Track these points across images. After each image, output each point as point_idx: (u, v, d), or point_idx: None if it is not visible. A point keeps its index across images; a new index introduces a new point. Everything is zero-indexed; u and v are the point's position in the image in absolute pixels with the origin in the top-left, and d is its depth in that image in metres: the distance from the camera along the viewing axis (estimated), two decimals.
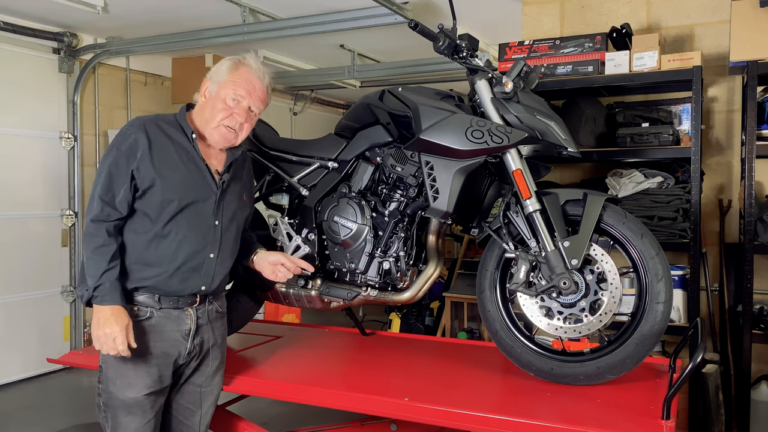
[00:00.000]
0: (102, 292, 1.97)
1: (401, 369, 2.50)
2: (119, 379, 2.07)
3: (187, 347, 2.14)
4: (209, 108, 2.12)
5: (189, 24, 5.01)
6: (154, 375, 2.08)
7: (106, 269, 1.97)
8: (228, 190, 2.18)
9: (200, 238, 2.09)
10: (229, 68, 2.13)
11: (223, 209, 2.15)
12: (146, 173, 2.00)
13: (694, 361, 1.86)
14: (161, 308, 2.08)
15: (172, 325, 2.10)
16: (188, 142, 2.11)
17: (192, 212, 2.07)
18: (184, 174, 2.07)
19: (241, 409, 2.77)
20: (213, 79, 2.13)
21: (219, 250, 2.15)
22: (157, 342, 2.08)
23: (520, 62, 2.27)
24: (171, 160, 2.05)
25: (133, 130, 2.04)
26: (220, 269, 2.17)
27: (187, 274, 2.09)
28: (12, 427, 4.16)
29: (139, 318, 2.07)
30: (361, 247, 2.52)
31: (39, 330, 5.25)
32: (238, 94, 2.12)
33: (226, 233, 2.16)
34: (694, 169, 3.11)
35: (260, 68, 2.17)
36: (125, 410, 2.06)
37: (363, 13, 4.25)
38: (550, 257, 2.15)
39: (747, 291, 3.07)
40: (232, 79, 2.11)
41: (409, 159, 2.46)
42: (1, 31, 4.88)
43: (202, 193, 2.10)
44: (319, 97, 8.50)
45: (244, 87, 2.13)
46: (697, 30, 3.57)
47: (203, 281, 2.13)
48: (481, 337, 4.93)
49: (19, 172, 5.12)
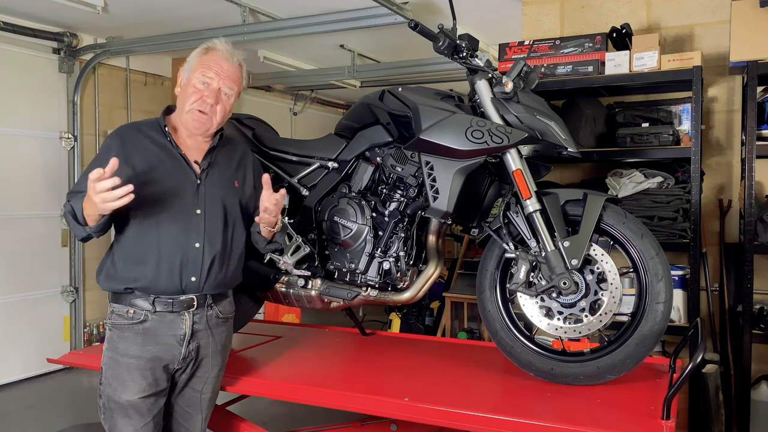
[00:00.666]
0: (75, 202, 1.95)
1: (401, 369, 2.50)
2: (115, 381, 2.07)
3: (182, 352, 2.11)
4: (182, 96, 2.15)
5: (189, 24, 5.01)
6: (148, 378, 2.07)
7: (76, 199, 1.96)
8: (210, 179, 2.16)
9: (181, 228, 2.08)
10: (198, 54, 2.15)
11: (205, 198, 2.13)
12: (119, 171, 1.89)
13: (694, 361, 1.86)
14: (156, 312, 2.08)
15: (166, 329, 2.09)
16: (163, 136, 2.13)
17: (170, 203, 2.07)
18: (158, 167, 2.08)
19: (241, 409, 2.77)
20: (184, 67, 2.16)
21: (205, 239, 2.11)
22: (151, 345, 2.07)
23: (520, 62, 2.27)
24: (144, 155, 2.08)
25: (109, 137, 2.12)
26: (210, 259, 2.12)
27: (174, 266, 2.06)
28: (12, 427, 4.16)
29: (134, 321, 2.07)
30: (361, 247, 2.52)
31: (39, 330, 5.25)
32: (207, 76, 2.12)
33: (211, 221, 2.13)
34: (694, 169, 3.11)
35: (229, 50, 2.17)
36: (122, 412, 2.06)
37: (363, 13, 4.25)
38: (550, 257, 2.15)
39: (747, 291, 3.07)
40: (201, 63, 2.13)
41: (409, 159, 2.46)
42: (1, 31, 4.89)
43: (178, 183, 2.10)
44: (319, 97, 8.50)
45: (213, 69, 2.12)
46: (697, 30, 3.57)
47: (192, 273, 2.09)
48: (481, 337, 4.93)
49: (19, 172, 5.12)
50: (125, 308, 2.07)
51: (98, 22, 5.12)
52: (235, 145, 2.33)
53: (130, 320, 2.07)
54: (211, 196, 2.15)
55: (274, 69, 6.43)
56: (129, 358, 2.06)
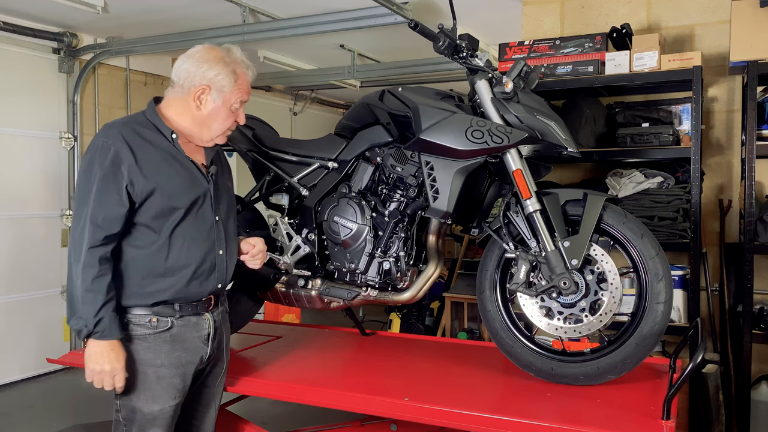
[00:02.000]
0: (102, 327, 1.88)
1: (401, 369, 2.49)
2: (144, 393, 2.00)
3: (208, 351, 2.11)
4: (214, 116, 2.05)
5: (189, 24, 5.01)
6: (178, 385, 2.04)
7: (105, 302, 1.88)
8: (217, 184, 2.14)
9: (206, 238, 2.06)
10: (230, 78, 2.03)
11: (219, 203, 2.12)
12: (141, 186, 1.91)
13: (694, 361, 1.86)
14: (181, 316, 2.03)
15: (192, 332, 2.06)
16: (168, 142, 2.02)
17: (194, 214, 2.03)
18: (176, 178, 1.99)
19: (241, 409, 2.77)
20: (213, 87, 2.02)
21: (226, 244, 2.12)
22: (179, 351, 2.03)
23: (520, 62, 2.27)
24: (159, 166, 1.96)
25: (110, 140, 1.91)
26: (232, 264, 2.16)
27: (204, 276, 2.05)
28: (12, 427, 4.16)
29: (159, 329, 2.00)
30: (361, 247, 2.52)
31: (39, 330, 5.25)
32: (243, 100, 2.11)
33: (227, 226, 2.14)
34: (694, 169, 3.11)
35: (252, 66, 2.14)
36: (150, 422, 2.01)
37: (363, 13, 4.25)
38: (550, 257, 2.15)
39: (747, 291, 3.07)
40: (238, 89, 2.06)
41: (409, 159, 2.46)
42: (1, 31, 4.88)
43: (198, 192, 2.04)
44: (319, 97, 8.50)
45: (247, 92, 2.12)
46: (697, 30, 3.57)
47: (219, 279, 2.10)
48: (481, 337, 4.93)
49: (19, 172, 5.12)
50: (147, 317, 1.99)
51: (98, 22, 5.11)
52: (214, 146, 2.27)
53: (154, 329, 2.00)
54: (221, 200, 2.14)
55: (274, 69, 6.42)
56: (157, 368, 2.00)
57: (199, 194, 2.04)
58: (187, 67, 2.03)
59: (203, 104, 2.03)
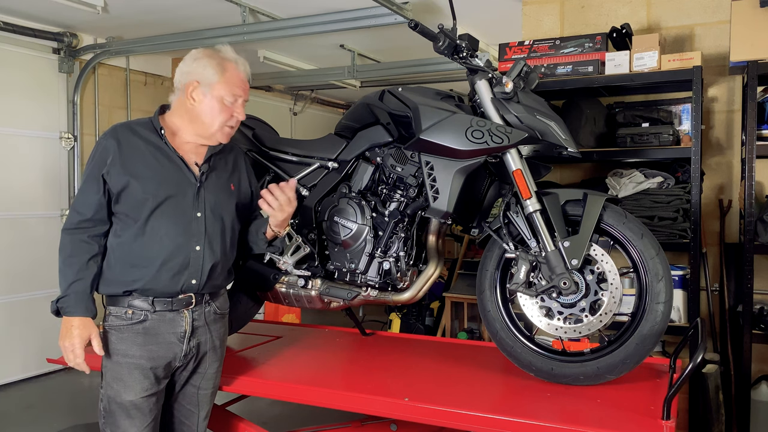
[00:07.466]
0: (67, 303, 2.04)
1: (401, 369, 2.50)
2: (116, 383, 2.07)
3: (183, 349, 2.13)
4: (207, 111, 2.11)
5: (189, 24, 5.01)
6: (150, 377, 2.08)
7: (74, 280, 2.05)
8: (209, 182, 2.17)
9: (182, 231, 2.09)
10: (216, 70, 2.11)
11: (205, 200, 2.14)
12: (117, 176, 2.03)
13: (694, 361, 1.87)
14: (156, 311, 2.08)
15: (166, 327, 2.10)
16: (159, 139, 2.12)
17: (170, 207, 2.07)
18: (157, 170, 2.07)
19: (241, 409, 2.77)
20: (202, 82, 2.10)
21: (205, 242, 2.13)
22: (152, 345, 2.08)
23: (520, 62, 2.27)
24: (142, 158, 2.07)
25: (105, 138, 2.09)
26: (210, 262, 2.14)
27: (175, 269, 2.07)
28: (12, 427, 4.17)
29: (133, 321, 2.08)
30: (361, 248, 2.52)
31: (39, 330, 5.24)
32: (235, 94, 2.13)
33: (211, 224, 2.15)
34: (694, 169, 3.11)
35: (242, 61, 2.19)
36: (124, 413, 2.06)
37: (363, 13, 4.25)
38: (550, 257, 2.15)
39: (747, 291, 3.07)
40: (227, 80, 2.12)
41: (409, 159, 2.46)
42: (1, 31, 4.88)
43: (178, 186, 2.10)
44: (319, 97, 8.50)
45: (240, 86, 2.15)
46: (697, 30, 3.57)
47: (193, 275, 2.11)
48: (481, 337, 4.93)
49: (19, 172, 5.12)
50: (123, 309, 2.08)
51: (98, 22, 5.12)
52: (229, 148, 2.32)
53: (129, 321, 2.07)
54: (210, 199, 2.16)
55: (274, 69, 6.43)
56: (129, 358, 2.06)
57: (178, 189, 2.10)
58: (180, 69, 2.17)
59: (196, 100, 2.12)
